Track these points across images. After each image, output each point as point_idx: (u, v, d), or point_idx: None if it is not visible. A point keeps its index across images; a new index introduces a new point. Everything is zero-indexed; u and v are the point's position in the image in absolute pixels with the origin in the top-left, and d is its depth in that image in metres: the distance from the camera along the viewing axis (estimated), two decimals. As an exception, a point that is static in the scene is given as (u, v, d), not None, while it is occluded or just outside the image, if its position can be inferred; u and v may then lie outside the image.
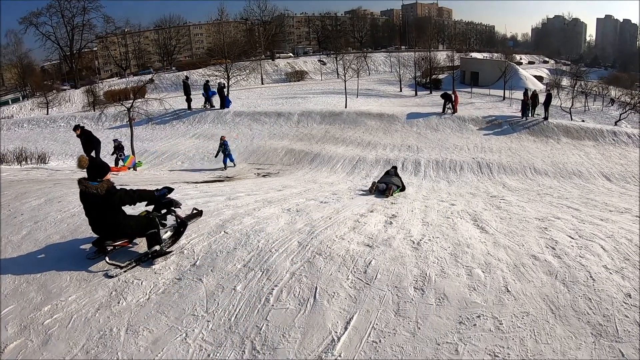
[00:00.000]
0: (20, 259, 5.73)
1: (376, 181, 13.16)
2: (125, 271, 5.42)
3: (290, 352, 3.93)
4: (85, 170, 5.37)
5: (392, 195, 11.77)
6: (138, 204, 5.81)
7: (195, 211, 7.05)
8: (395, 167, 14.86)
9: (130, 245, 6.02)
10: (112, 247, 5.58)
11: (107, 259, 5.40)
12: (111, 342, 4.16)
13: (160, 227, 5.84)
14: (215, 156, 20.48)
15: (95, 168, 5.38)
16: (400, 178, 13.57)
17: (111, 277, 5.29)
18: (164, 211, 6.07)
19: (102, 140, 18.12)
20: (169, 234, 6.11)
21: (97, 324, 4.42)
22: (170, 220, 6.26)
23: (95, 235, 5.67)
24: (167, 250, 5.83)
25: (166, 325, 4.34)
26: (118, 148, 19.26)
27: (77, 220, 6.96)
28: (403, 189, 13.18)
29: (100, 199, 5.28)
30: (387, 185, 12.28)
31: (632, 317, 4.19)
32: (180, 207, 6.25)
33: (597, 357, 3.76)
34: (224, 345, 4.04)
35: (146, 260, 5.65)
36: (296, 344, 4.00)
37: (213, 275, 5.22)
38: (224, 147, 19.94)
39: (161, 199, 5.92)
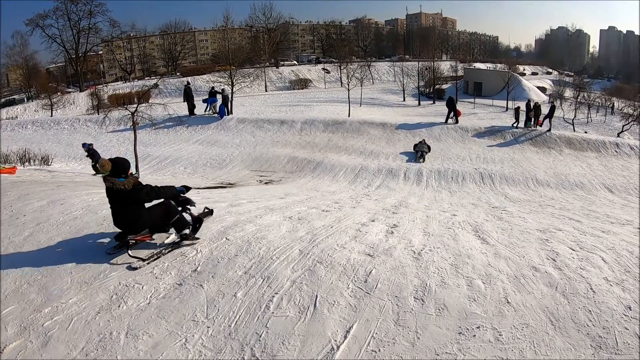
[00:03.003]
0: (21, 260, 5.74)
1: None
2: (147, 263, 5.71)
3: (289, 359, 3.93)
4: (108, 172, 5.64)
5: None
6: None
7: (206, 210, 7.34)
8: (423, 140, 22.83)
9: (151, 240, 6.29)
10: (134, 241, 5.92)
11: (129, 252, 5.79)
12: (111, 345, 4.17)
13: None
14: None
15: (118, 166, 5.68)
16: (428, 145, 22.35)
17: (134, 269, 5.56)
18: (179, 209, 6.32)
19: (105, 145, 18.11)
20: (188, 233, 6.31)
21: (97, 327, 4.43)
22: (186, 217, 6.47)
23: (115, 231, 6.00)
24: (192, 238, 6.28)
25: (166, 330, 4.35)
26: (91, 154, 18.71)
27: (80, 222, 7.00)
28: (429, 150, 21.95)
29: (127, 194, 5.64)
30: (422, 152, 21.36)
31: (632, 330, 4.19)
32: (194, 206, 6.59)
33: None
34: (223, 352, 4.04)
35: (170, 249, 6.06)
36: (295, 352, 4.01)
37: (214, 281, 5.23)
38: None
39: (179, 196, 6.37)
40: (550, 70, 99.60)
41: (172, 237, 6.35)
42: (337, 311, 4.59)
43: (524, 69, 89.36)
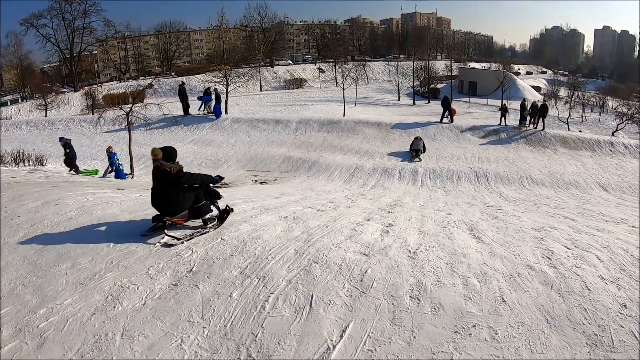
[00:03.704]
0: (16, 261, 5.72)
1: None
2: (182, 243, 6.22)
3: (285, 359, 3.93)
4: (160, 158, 6.40)
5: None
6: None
7: (227, 207, 7.64)
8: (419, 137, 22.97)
9: (184, 224, 6.81)
10: (170, 222, 6.58)
11: (166, 231, 6.41)
12: (106, 346, 4.14)
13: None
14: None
15: (168, 153, 6.53)
16: (424, 143, 22.72)
17: (170, 246, 6.12)
18: (207, 202, 7.03)
19: (99, 145, 18.02)
20: (215, 222, 7.05)
21: (92, 328, 4.40)
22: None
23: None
24: (216, 224, 7.00)
25: (162, 331, 4.33)
26: (68, 147, 18.43)
27: (74, 223, 6.97)
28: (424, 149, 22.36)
29: (172, 177, 6.34)
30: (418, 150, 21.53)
31: (627, 328, 4.19)
32: (221, 198, 7.42)
33: (592, 367, 3.77)
34: (219, 352, 4.03)
35: (201, 233, 6.62)
36: (292, 352, 3.99)
37: (209, 281, 5.21)
38: (111, 160, 18.48)
39: (214, 184, 7.18)
40: (544, 69, 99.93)
41: (201, 222, 6.90)
42: (333, 311, 4.58)
43: (518, 69, 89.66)
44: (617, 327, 4.22)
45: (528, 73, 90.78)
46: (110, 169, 18.40)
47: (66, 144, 18.48)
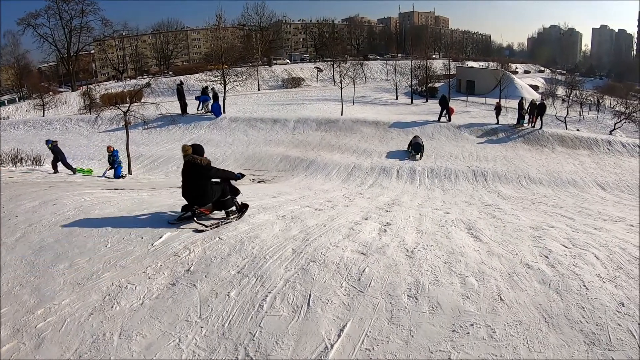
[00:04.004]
0: (13, 261, 5.71)
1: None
2: (210, 229, 6.81)
3: (283, 358, 3.91)
4: (189, 152, 7.11)
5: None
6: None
7: (243, 203, 8.14)
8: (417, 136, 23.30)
9: (210, 214, 7.60)
10: (199, 211, 7.31)
11: (195, 219, 7.08)
12: (104, 346, 4.13)
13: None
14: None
15: (197, 149, 7.19)
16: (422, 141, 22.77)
17: (200, 231, 6.71)
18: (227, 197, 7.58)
19: (97, 144, 17.95)
20: (236, 215, 7.66)
21: (90, 328, 4.39)
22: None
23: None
24: (237, 216, 7.63)
25: (159, 331, 4.33)
26: (55, 152, 17.88)
27: (72, 223, 6.96)
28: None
29: (202, 169, 7.01)
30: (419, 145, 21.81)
31: (625, 326, 4.20)
32: (240, 194, 7.97)
33: (589, 366, 3.78)
34: (217, 352, 4.02)
35: (225, 222, 7.24)
36: (289, 351, 3.99)
37: (207, 281, 5.21)
38: (113, 158, 18.25)
39: (235, 180, 7.75)
40: (542, 68, 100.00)
41: (223, 213, 7.56)
42: (331, 310, 4.58)
43: (516, 67, 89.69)
44: (615, 326, 4.22)
45: (526, 72, 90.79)
46: (110, 167, 18.21)
47: (53, 147, 17.98)
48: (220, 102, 29.96)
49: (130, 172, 19.30)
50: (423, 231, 7.70)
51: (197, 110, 30.18)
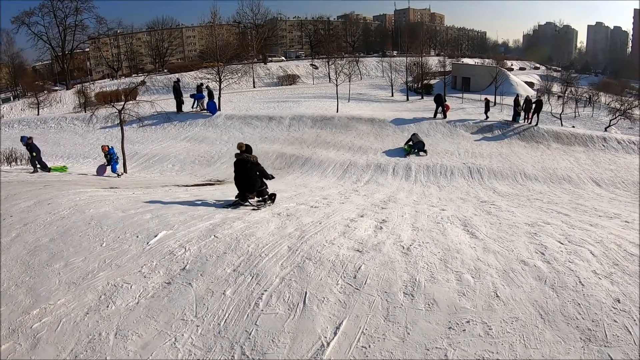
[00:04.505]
0: (9, 261, 5.69)
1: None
2: (254, 209, 9.02)
3: (279, 357, 3.91)
4: (242, 149, 9.61)
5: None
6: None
7: (272, 193, 10.34)
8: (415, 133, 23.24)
9: (254, 198, 9.68)
10: (250, 197, 9.60)
11: (249, 201, 9.60)
12: (100, 346, 4.12)
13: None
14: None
15: (249, 148, 9.76)
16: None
17: (255, 209, 9.00)
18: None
19: (92, 143, 17.83)
20: (270, 201, 9.96)
21: (86, 328, 4.38)
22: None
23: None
24: (269, 203, 9.87)
25: (155, 330, 4.32)
26: (29, 148, 17.20)
27: (67, 222, 6.94)
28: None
29: (252, 164, 9.36)
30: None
31: (620, 322, 4.21)
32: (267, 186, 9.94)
33: (585, 361, 3.78)
34: (213, 350, 4.02)
35: (261, 205, 9.51)
36: (286, 349, 3.99)
37: (203, 279, 5.20)
38: (110, 156, 17.92)
39: (268, 179, 9.86)
40: (538, 65, 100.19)
41: (261, 199, 9.82)
42: (327, 307, 4.58)
43: (511, 64, 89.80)
44: (611, 322, 4.23)
45: (521, 69, 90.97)
46: (108, 163, 17.98)
47: (27, 144, 17.27)
48: (216, 100, 29.90)
49: (125, 171, 19.23)
50: (419, 228, 7.71)
51: (192, 107, 30.10)
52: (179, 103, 29.66)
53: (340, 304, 4.65)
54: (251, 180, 9.39)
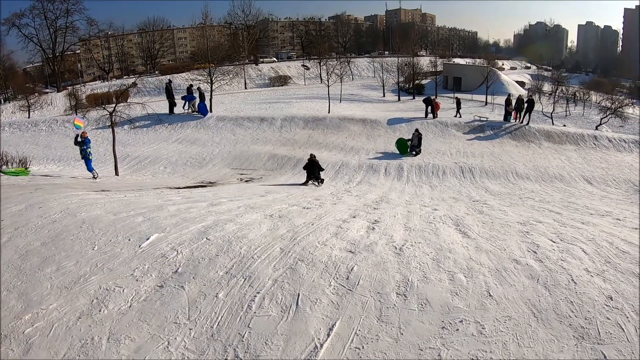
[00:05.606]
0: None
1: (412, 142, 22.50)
2: (317, 186, 16.09)
3: (273, 359, 3.90)
4: (314, 157, 17.20)
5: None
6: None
7: (322, 178, 16.83)
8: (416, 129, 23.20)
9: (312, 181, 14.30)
10: (314, 178, 16.63)
11: (314, 182, 16.92)
12: (93, 350, 4.09)
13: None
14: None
15: (313, 155, 17.34)
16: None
17: (317, 186, 16.48)
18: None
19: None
20: (322, 183, 16.19)
21: (78, 332, 4.35)
22: None
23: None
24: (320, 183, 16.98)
25: (148, 334, 4.29)
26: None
27: (58, 226, 6.89)
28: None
29: (317, 164, 17.12)
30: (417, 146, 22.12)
31: (613, 320, 4.22)
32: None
33: (579, 359, 3.79)
34: (206, 353, 4.00)
35: (318, 184, 16.70)
36: (279, 351, 3.97)
37: (195, 282, 5.17)
38: (84, 147, 16.32)
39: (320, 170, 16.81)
40: (529, 64, 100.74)
41: (317, 182, 16.10)
42: (320, 309, 4.57)
43: (502, 64, 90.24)
44: (604, 320, 4.24)
45: (512, 68, 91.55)
46: (82, 157, 16.53)
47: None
48: (207, 101, 29.87)
49: (117, 173, 19.15)
50: (411, 228, 7.72)
51: (183, 109, 30.04)
52: (171, 105, 29.61)
53: (333, 305, 4.64)
54: (317, 171, 17.07)
